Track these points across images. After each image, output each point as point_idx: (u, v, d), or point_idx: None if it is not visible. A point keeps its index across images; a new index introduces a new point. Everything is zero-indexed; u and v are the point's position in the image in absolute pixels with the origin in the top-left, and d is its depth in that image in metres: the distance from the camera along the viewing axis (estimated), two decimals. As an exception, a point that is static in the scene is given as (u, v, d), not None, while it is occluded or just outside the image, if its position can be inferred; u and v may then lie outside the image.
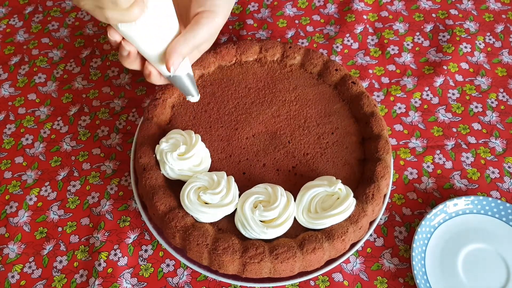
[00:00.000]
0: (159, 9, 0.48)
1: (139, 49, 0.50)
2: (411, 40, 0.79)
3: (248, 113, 0.64)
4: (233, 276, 0.57)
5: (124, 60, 0.52)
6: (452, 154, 0.69)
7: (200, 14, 0.52)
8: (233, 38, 0.80)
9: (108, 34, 0.48)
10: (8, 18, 0.83)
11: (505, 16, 0.82)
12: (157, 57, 0.51)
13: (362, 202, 0.57)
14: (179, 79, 0.54)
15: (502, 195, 0.66)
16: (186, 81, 0.55)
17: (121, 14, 0.44)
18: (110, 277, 0.61)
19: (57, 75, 0.77)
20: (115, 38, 0.48)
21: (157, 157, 0.58)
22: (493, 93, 0.74)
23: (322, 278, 0.61)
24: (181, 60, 0.51)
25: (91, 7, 0.43)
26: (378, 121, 0.62)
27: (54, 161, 0.69)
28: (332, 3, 0.83)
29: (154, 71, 0.53)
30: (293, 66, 0.68)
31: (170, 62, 0.50)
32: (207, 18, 0.52)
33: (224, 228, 0.56)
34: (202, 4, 0.52)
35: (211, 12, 0.52)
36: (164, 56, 0.50)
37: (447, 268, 0.60)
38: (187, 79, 0.55)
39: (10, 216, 0.65)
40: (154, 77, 0.54)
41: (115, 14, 0.44)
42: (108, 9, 0.43)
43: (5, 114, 0.73)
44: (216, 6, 0.52)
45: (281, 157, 0.61)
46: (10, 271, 0.61)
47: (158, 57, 0.51)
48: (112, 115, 0.73)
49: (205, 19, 0.52)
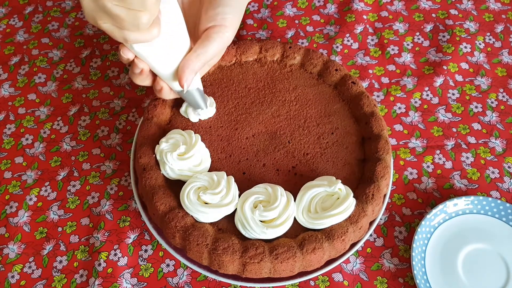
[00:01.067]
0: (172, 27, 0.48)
1: (151, 66, 0.50)
2: (411, 40, 0.79)
3: (248, 113, 0.64)
4: (233, 276, 0.57)
5: (136, 78, 0.52)
6: (452, 154, 0.69)
7: (211, 29, 0.52)
8: (233, 38, 0.80)
9: (121, 52, 0.48)
10: (8, 18, 0.83)
11: (505, 16, 0.82)
12: (170, 74, 0.51)
13: (362, 202, 0.57)
14: (190, 94, 0.55)
15: (502, 195, 0.66)
16: (196, 95, 0.56)
17: (141, 35, 0.44)
18: (110, 277, 0.61)
19: (57, 75, 0.77)
20: (128, 56, 0.48)
21: (157, 157, 0.58)
22: (493, 93, 0.74)
23: (322, 278, 0.61)
24: (193, 76, 0.51)
25: (109, 27, 0.43)
26: (378, 121, 0.62)
27: (54, 161, 0.69)
28: (332, 3, 0.83)
29: (166, 87, 0.53)
30: (293, 66, 0.68)
31: (183, 79, 0.50)
32: (217, 33, 0.52)
33: (224, 228, 0.56)
34: (212, 19, 0.52)
35: (221, 27, 0.52)
36: (177, 73, 0.51)
37: (447, 268, 0.60)
38: (197, 94, 0.56)
39: (10, 216, 0.65)
40: (165, 92, 0.54)
41: (134, 35, 0.44)
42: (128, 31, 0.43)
43: (5, 114, 0.73)
44: (226, 20, 0.52)
45: (281, 157, 0.61)
46: (10, 271, 0.61)
47: (171, 74, 0.51)
48: (112, 115, 0.73)
49: (216, 34, 0.51)
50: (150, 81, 0.53)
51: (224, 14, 0.52)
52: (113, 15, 0.41)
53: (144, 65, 0.50)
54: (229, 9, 0.52)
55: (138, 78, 0.52)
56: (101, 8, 0.41)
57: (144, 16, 0.42)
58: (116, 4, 0.41)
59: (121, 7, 0.41)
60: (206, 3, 0.53)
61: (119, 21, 0.42)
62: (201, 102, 0.57)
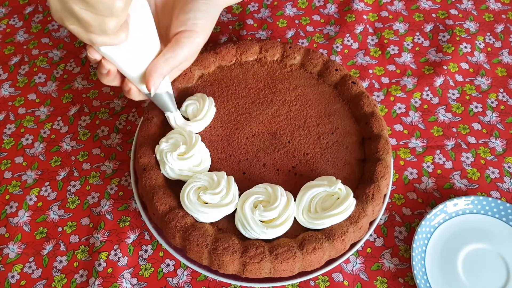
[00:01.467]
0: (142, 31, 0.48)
1: (119, 68, 0.50)
2: (411, 40, 0.79)
3: (248, 113, 0.64)
4: (233, 276, 0.57)
5: (104, 78, 0.51)
6: (452, 154, 0.69)
7: (181, 33, 0.51)
8: (233, 38, 0.80)
9: (88, 53, 0.48)
10: (8, 18, 0.83)
11: (505, 16, 0.82)
12: (138, 76, 0.51)
13: (362, 202, 0.56)
14: (158, 96, 0.54)
15: (502, 195, 0.66)
16: (165, 98, 0.55)
17: (107, 39, 0.44)
18: (110, 277, 0.61)
19: (57, 75, 0.77)
20: (94, 56, 0.48)
21: (157, 157, 0.58)
22: (493, 93, 0.74)
23: (322, 278, 0.61)
24: (161, 80, 0.50)
25: (76, 29, 0.42)
26: (378, 121, 0.62)
27: (54, 161, 0.69)
28: (332, 3, 0.83)
29: (134, 88, 0.53)
30: (293, 66, 0.68)
31: (150, 83, 0.49)
32: (188, 38, 0.51)
33: (224, 228, 0.56)
34: (183, 23, 0.51)
35: (192, 32, 0.51)
36: (144, 77, 0.50)
37: (447, 268, 0.60)
38: (166, 97, 0.55)
39: (10, 216, 0.65)
40: (134, 94, 0.53)
41: (101, 38, 0.43)
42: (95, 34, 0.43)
43: (5, 114, 0.73)
44: (197, 25, 0.51)
45: (281, 157, 0.61)
46: (10, 271, 0.61)
47: (139, 77, 0.51)
48: (112, 115, 0.73)
49: (186, 38, 0.51)
50: (118, 81, 0.53)
51: (195, 20, 0.51)
52: (79, 19, 0.41)
53: (111, 66, 0.49)
54: (200, 14, 0.52)
55: (105, 78, 0.51)
56: (68, 10, 0.41)
57: (111, 22, 0.42)
58: (83, 8, 0.40)
59: (88, 12, 0.41)
60: (178, 7, 0.53)
61: (86, 25, 0.42)
62: (170, 105, 0.57)
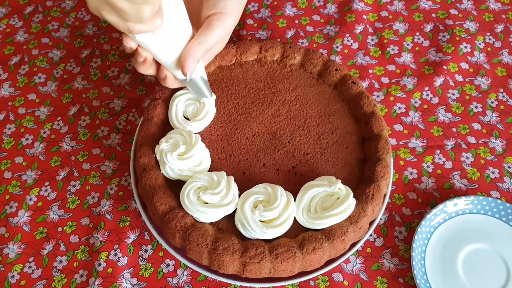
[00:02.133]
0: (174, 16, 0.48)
1: (154, 55, 0.50)
2: (411, 40, 0.79)
3: (248, 113, 0.64)
4: (233, 276, 0.57)
5: (140, 66, 0.52)
6: (452, 154, 0.69)
7: (212, 16, 0.52)
8: (233, 38, 0.80)
9: (124, 41, 0.48)
10: (8, 18, 0.83)
11: (505, 16, 0.82)
12: (173, 62, 0.52)
13: (362, 202, 0.56)
14: (194, 82, 0.55)
15: (502, 195, 0.66)
16: (200, 83, 0.56)
17: (144, 26, 0.44)
18: (110, 277, 0.61)
19: (57, 75, 0.77)
20: (131, 45, 0.49)
21: (157, 157, 0.58)
22: (493, 93, 0.74)
23: (322, 278, 0.61)
24: (195, 64, 0.51)
25: (113, 18, 0.43)
26: (378, 121, 0.62)
27: (54, 161, 0.69)
28: (332, 3, 0.83)
29: (170, 75, 0.54)
30: (293, 66, 0.68)
31: (186, 67, 0.50)
32: (218, 21, 0.52)
33: (224, 228, 0.56)
34: (213, 6, 0.52)
35: (222, 14, 0.52)
36: (179, 61, 0.51)
37: (447, 268, 0.60)
38: (201, 82, 0.56)
39: (10, 216, 0.65)
40: (170, 81, 0.54)
41: (138, 26, 0.44)
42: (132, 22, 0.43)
43: (5, 114, 0.73)
44: (227, 7, 0.52)
45: (281, 157, 0.61)
46: (10, 271, 0.61)
47: (174, 62, 0.52)
48: (112, 115, 0.73)
49: (217, 21, 0.52)
50: (154, 70, 0.53)
51: (225, 1, 0.52)
52: (116, 8, 0.42)
53: (147, 54, 0.50)
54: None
55: (142, 67, 0.52)
56: (104, 1, 0.42)
57: (147, 9, 0.42)
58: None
59: (124, 1, 0.41)
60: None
61: (123, 14, 0.42)
62: (206, 91, 0.58)
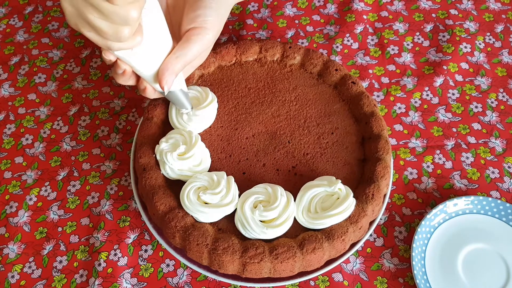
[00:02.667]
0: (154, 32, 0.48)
1: (133, 68, 0.50)
2: (411, 40, 0.79)
3: (248, 113, 0.64)
4: (233, 276, 0.57)
5: (119, 78, 0.52)
6: (452, 154, 0.69)
7: (191, 31, 0.51)
8: (233, 38, 0.80)
9: (103, 54, 0.48)
10: (8, 18, 0.83)
11: (505, 16, 0.82)
12: (152, 75, 0.51)
13: (362, 202, 0.57)
14: (173, 94, 0.55)
15: (502, 195, 0.66)
16: (179, 96, 0.56)
17: (123, 44, 0.44)
18: (110, 277, 0.61)
19: (57, 75, 0.77)
20: (109, 58, 0.48)
21: (157, 157, 0.58)
22: (493, 93, 0.74)
23: (322, 278, 0.61)
24: (174, 78, 0.51)
25: (92, 36, 0.43)
26: (378, 121, 0.62)
27: (54, 161, 0.69)
28: (332, 3, 0.83)
29: (149, 87, 0.54)
30: (293, 66, 0.68)
31: (163, 81, 0.50)
32: (198, 35, 0.51)
33: (224, 228, 0.56)
34: (193, 20, 0.52)
35: (202, 29, 0.51)
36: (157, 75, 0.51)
37: (447, 268, 0.60)
38: (181, 94, 0.56)
39: (10, 216, 0.65)
40: (149, 92, 0.54)
41: (117, 44, 0.44)
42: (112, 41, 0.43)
43: (5, 114, 0.73)
44: (207, 22, 0.52)
45: (281, 157, 0.61)
46: (10, 271, 0.61)
47: (153, 76, 0.51)
48: (112, 115, 0.73)
49: (196, 36, 0.51)
50: (133, 81, 0.53)
51: (205, 17, 0.52)
52: (95, 28, 0.42)
53: (126, 66, 0.50)
54: (210, 11, 0.52)
55: (121, 78, 0.52)
56: (83, 18, 0.42)
57: (126, 29, 0.42)
58: (98, 17, 0.41)
59: (103, 21, 0.41)
60: (188, 5, 0.53)
61: (101, 33, 0.42)
62: (186, 103, 0.58)
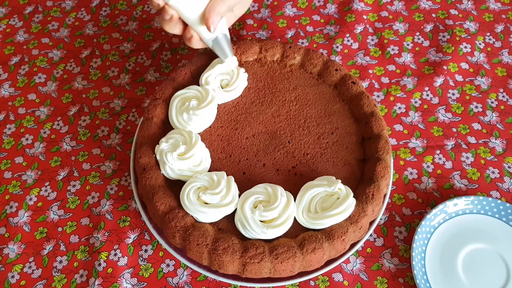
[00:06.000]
0: None
1: (180, 13, 0.54)
2: (411, 40, 0.79)
3: (248, 113, 0.64)
4: (233, 276, 0.57)
5: (166, 24, 0.55)
6: (452, 154, 0.69)
7: None
8: (233, 38, 0.80)
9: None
10: (8, 18, 0.83)
11: (505, 16, 0.82)
12: (197, 18, 0.55)
13: (362, 202, 0.57)
14: (217, 41, 0.58)
15: (502, 195, 0.66)
16: (223, 42, 0.59)
17: None
18: (110, 277, 0.61)
19: (57, 75, 0.77)
20: (158, 2, 0.51)
21: (157, 157, 0.58)
22: (493, 93, 0.74)
23: (322, 278, 0.61)
24: (219, 19, 0.54)
25: None
26: (378, 121, 0.62)
27: (54, 161, 0.69)
28: (332, 3, 0.83)
29: (195, 35, 0.57)
30: (293, 66, 0.68)
31: (210, 21, 0.53)
32: None
33: (224, 228, 0.56)
34: None
35: None
36: (203, 17, 0.54)
37: (447, 268, 0.60)
38: (224, 40, 0.59)
39: (10, 216, 0.65)
40: (195, 41, 0.57)
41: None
42: None
43: (5, 114, 0.73)
44: None
45: (281, 157, 0.61)
46: (10, 271, 0.61)
47: (198, 19, 0.55)
48: (112, 115, 0.73)
49: None
50: (180, 29, 0.56)
51: None
52: None
53: (173, 11, 0.53)
54: None
55: (168, 24, 0.55)
56: None
57: None
58: None
59: None
60: None
61: None
62: (228, 50, 0.61)
